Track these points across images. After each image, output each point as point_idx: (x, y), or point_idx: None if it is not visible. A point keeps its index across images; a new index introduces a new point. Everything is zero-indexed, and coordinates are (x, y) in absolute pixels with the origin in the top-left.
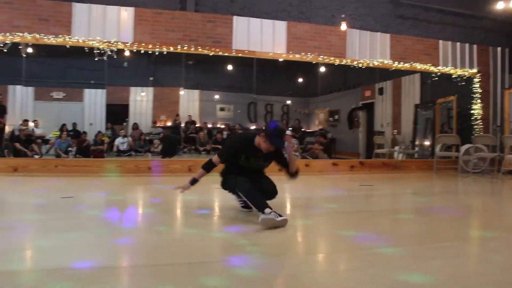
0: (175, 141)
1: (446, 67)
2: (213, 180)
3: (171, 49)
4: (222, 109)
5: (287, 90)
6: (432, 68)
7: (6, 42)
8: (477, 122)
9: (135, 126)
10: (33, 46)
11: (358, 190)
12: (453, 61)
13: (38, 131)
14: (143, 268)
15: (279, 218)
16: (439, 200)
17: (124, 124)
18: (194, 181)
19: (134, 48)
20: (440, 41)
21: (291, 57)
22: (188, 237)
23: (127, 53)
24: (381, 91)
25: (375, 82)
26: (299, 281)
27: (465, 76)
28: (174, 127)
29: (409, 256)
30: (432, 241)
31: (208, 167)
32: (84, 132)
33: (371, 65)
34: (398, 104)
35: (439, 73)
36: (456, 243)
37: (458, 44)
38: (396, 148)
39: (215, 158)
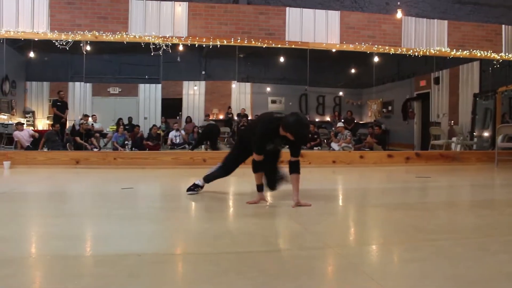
0: (214, 132)
1: (510, 54)
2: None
3: (225, 42)
4: (273, 102)
5: (339, 81)
6: (494, 55)
7: (69, 40)
8: None
9: (188, 120)
10: (92, 43)
11: (414, 182)
12: None
13: (96, 126)
14: (204, 255)
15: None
16: (502, 193)
17: (178, 117)
18: (261, 188)
19: (188, 42)
20: (503, 26)
21: (344, 47)
22: (245, 226)
23: (180, 48)
24: (437, 81)
25: (430, 72)
26: (359, 271)
27: None
28: (227, 120)
29: (472, 249)
30: (497, 234)
31: (258, 168)
32: (137, 125)
33: (427, 53)
34: (456, 94)
35: (501, 60)
36: None
37: None
38: (454, 139)
39: (255, 156)
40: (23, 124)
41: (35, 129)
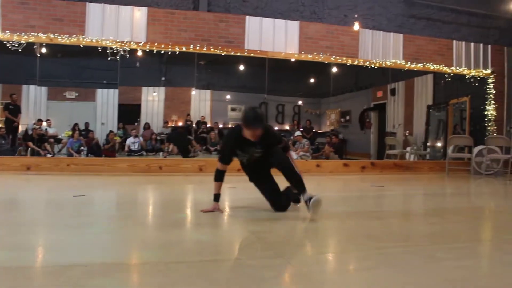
0: (184, 139)
1: (460, 68)
2: (228, 180)
3: (184, 49)
4: (233, 109)
5: (299, 90)
6: (446, 69)
7: (21, 42)
8: (490, 123)
9: (147, 126)
10: (47, 46)
11: (369, 191)
12: (467, 62)
13: (51, 131)
14: (154, 265)
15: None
16: (451, 202)
17: (136, 124)
18: (217, 197)
19: (147, 48)
20: (454, 41)
21: (303, 57)
22: (197, 235)
23: (139, 53)
24: (393, 92)
25: (387, 83)
26: (310, 280)
27: (479, 76)
28: (185, 127)
29: (420, 256)
30: (444, 242)
31: (219, 177)
32: (91, 131)
33: (383, 65)
34: (411, 105)
35: (452, 74)
36: (469, 244)
37: (472, 44)
38: (408, 149)
39: (218, 165)
40: None
41: None
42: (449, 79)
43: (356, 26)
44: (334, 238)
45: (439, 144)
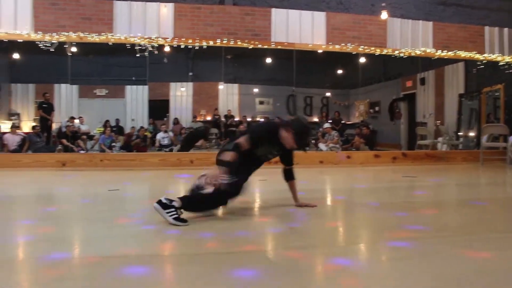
0: (194, 136)
1: (493, 55)
2: (258, 172)
3: (211, 43)
4: (261, 103)
5: (327, 82)
6: (478, 56)
7: (53, 41)
8: None
9: (176, 121)
10: (77, 45)
11: (401, 182)
12: (500, 48)
13: (83, 128)
14: (189, 256)
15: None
16: (486, 192)
17: (165, 119)
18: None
19: (175, 44)
20: (486, 27)
21: (330, 48)
22: (231, 227)
23: (166, 49)
24: (423, 81)
25: (416, 72)
26: (344, 270)
27: None
28: (214, 121)
29: (457, 247)
30: (480, 232)
31: (235, 149)
32: (133, 127)
33: (412, 54)
34: (441, 94)
35: (485, 61)
36: (507, 234)
37: (505, 29)
38: (440, 139)
39: (243, 141)
40: (18, 127)
41: (22, 131)
42: (482, 66)
43: (384, 15)
44: (367, 229)
45: (472, 134)
